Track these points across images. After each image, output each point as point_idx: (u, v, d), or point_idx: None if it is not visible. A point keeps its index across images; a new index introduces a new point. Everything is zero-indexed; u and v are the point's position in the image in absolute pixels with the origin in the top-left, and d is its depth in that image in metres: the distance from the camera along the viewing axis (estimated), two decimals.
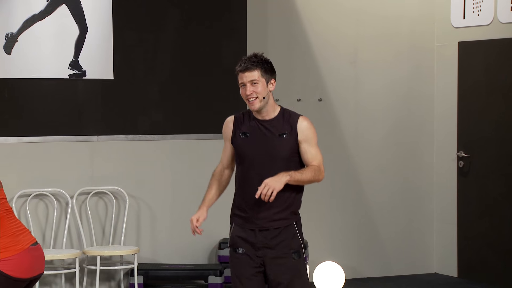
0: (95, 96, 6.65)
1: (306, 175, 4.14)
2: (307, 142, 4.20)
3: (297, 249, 4.20)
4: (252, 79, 4.13)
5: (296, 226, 4.25)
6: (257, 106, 4.16)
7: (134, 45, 6.76)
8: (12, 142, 6.39)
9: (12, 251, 3.92)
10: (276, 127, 4.18)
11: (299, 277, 4.18)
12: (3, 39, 6.35)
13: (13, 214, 4.07)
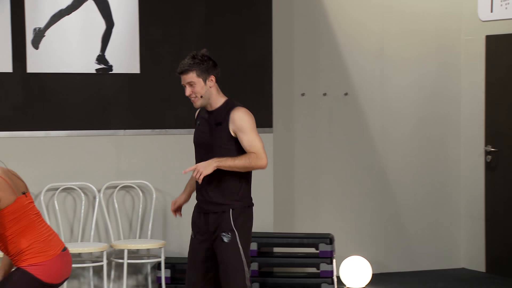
0: (121, 91, 6.67)
1: (239, 162, 4.36)
2: (241, 131, 4.43)
3: (227, 232, 4.40)
4: (189, 81, 4.48)
5: (232, 212, 4.43)
6: (198, 104, 4.51)
7: (160, 40, 6.78)
8: (40, 136, 6.42)
9: (45, 257, 3.96)
10: (215, 117, 4.49)
11: (229, 260, 4.39)
12: (31, 34, 6.38)
13: (42, 218, 4.09)
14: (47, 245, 3.97)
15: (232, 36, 6.98)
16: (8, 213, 3.94)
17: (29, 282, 3.89)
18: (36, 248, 3.94)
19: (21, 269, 3.91)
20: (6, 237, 3.94)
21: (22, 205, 3.98)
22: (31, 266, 3.91)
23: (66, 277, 4.04)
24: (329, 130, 7.59)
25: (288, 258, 6.90)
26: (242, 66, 7.00)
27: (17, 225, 3.96)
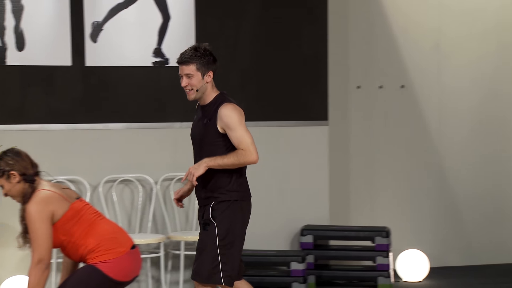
0: (178, 84, 6.63)
1: (229, 160, 4.38)
2: (229, 128, 4.44)
3: (206, 221, 4.46)
4: (187, 73, 4.46)
5: (213, 204, 4.47)
6: (192, 97, 4.52)
7: (216, 33, 6.79)
8: (98, 129, 6.49)
9: (114, 254, 3.97)
10: (206, 113, 4.52)
11: (201, 246, 4.45)
12: (89, 28, 6.46)
13: (103, 216, 4.12)
14: (115, 243, 3.99)
15: (288, 29, 6.97)
16: (66, 219, 3.98)
17: (98, 278, 3.91)
18: (104, 246, 3.96)
19: (92, 265, 3.93)
20: (74, 242, 3.98)
21: (78, 209, 4.02)
22: (101, 263, 3.93)
23: (135, 275, 4.05)
24: (385, 123, 7.53)
25: (344, 251, 6.87)
26: (298, 59, 6.98)
27: (80, 228, 3.99)
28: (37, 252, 3.91)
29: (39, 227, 3.91)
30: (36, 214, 3.90)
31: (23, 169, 4.01)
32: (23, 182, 4.00)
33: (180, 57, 4.48)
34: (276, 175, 6.98)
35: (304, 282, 6.51)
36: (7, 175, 4.00)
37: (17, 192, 4.01)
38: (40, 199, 3.94)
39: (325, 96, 7.07)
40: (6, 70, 6.24)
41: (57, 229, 3.97)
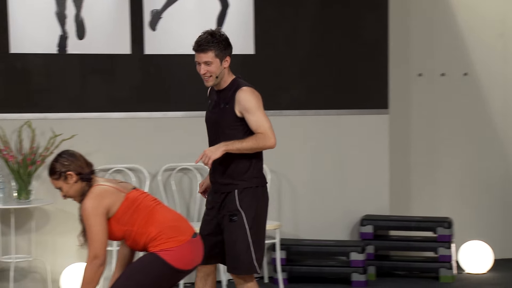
0: (235, 72, 6.61)
1: (247, 144, 4.30)
2: (247, 112, 4.35)
3: (233, 212, 4.35)
4: (206, 60, 4.37)
5: (237, 192, 4.37)
6: (210, 83, 4.44)
7: (275, 20, 6.74)
8: (157, 117, 6.49)
9: (175, 242, 3.96)
10: (223, 97, 4.44)
11: (233, 238, 4.34)
12: (148, 16, 6.46)
13: (163, 204, 4.12)
14: (177, 231, 3.98)
15: (347, 16, 6.87)
16: (124, 210, 3.98)
17: (160, 266, 3.91)
18: (166, 234, 3.96)
19: (154, 253, 3.93)
20: (136, 231, 3.98)
21: (134, 198, 4.02)
22: (163, 251, 3.92)
23: (197, 264, 4.04)
24: (447, 112, 7.39)
25: (405, 241, 6.77)
26: (358, 46, 6.89)
27: (139, 217, 3.99)
28: (92, 249, 3.93)
29: (94, 223, 3.92)
30: (90, 210, 3.92)
31: (79, 168, 4.03)
32: (80, 182, 4.02)
33: (197, 44, 4.39)
34: (336, 164, 6.91)
35: (364, 273, 6.44)
36: (64, 176, 4.02)
37: (75, 192, 4.03)
38: (94, 195, 3.96)
39: (385, 84, 6.97)
40: (67, 58, 6.28)
41: (117, 221, 3.98)
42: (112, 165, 6.35)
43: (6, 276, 6.08)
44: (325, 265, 6.51)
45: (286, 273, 6.46)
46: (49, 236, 6.18)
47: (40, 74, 6.23)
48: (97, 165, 6.18)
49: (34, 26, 6.18)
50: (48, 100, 6.23)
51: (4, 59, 6.11)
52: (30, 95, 6.20)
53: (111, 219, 3.97)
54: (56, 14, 6.24)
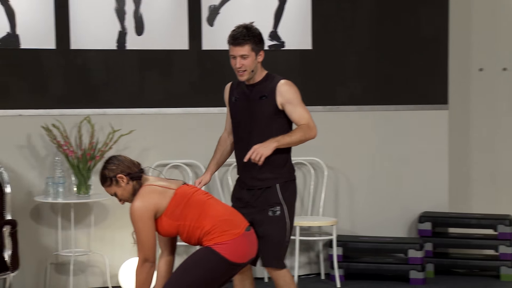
0: (293, 67, 6.65)
1: (296, 136, 4.31)
2: (290, 104, 4.36)
3: (275, 205, 4.33)
4: (243, 54, 4.36)
5: (279, 186, 4.37)
6: (245, 77, 4.40)
7: (333, 15, 6.70)
8: (214, 113, 6.49)
9: (229, 235, 3.96)
10: (258, 90, 4.40)
11: (273, 231, 4.31)
12: (206, 11, 6.48)
13: (215, 198, 4.12)
14: (230, 224, 3.99)
15: (406, 10, 6.80)
16: (174, 205, 4.00)
17: (215, 260, 3.92)
18: (220, 228, 3.96)
19: (208, 247, 3.94)
20: (189, 225, 4.00)
21: (184, 192, 4.03)
22: (218, 245, 3.93)
23: (251, 257, 4.04)
24: (508, 107, 7.26)
25: (464, 239, 6.67)
26: (417, 40, 6.81)
27: (191, 211, 4.01)
28: (142, 252, 3.97)
29: (142, 228, 3.95)
30: (138, 214, 3.95)
31: (127, 169, 4.06)
32: (131, 181, 4.05)
33: (233, 38, 4.39)
34: (394, 160, 6.85)
35: (422, 270, 6.37)
36: (115, 180, 4.06)
37: (129, 193, 4.06)
38: (142, 196, 4.00)
39: (445, 79, 6.88)
40: (126, 54, 6.33)
41: (168, 216, 4.00)
42: (170, 160, 6.39)
43: (66, 270, 6.18)
44: (382, 262, 6.46)
45: (342, 270, 6.43)
46: (108, 230, 6.25)
47: (100, 70, 6.30)
48: (154, 161, 6.28)
49: (94, 23, 6.25)
50: (107, 95, 6.30)
51: (64, 55, 6.19)
52: (89, 91, 6.28)
53: (163, 216, 4.00)
54: (115, 10, 6.31)
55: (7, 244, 5.39)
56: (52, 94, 6.19)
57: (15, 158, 6.07)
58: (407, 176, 6.86)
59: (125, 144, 6.25)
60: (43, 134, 6.09)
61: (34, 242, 6.12)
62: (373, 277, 6.54)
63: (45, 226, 6.15)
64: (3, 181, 5.66)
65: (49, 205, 6.11)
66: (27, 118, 6.12)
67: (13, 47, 6.09)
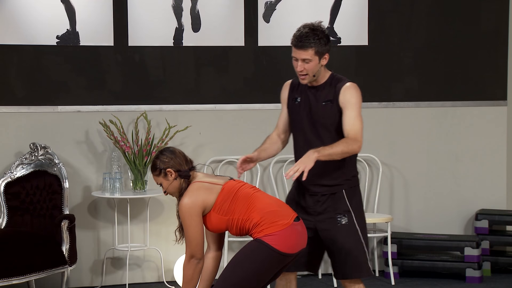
0: (349, 63, 6.63)
1: (337, 149, 4.04)
2: (346, 108, 4.11)
3: (343, 213, 4.17)
4: (305, 58, 4.11)
5: (345, 192, 4.20)
6: (306, 81, 4.18)
7: (390, 11, 6.65)
8: (269, 109, 6.51)
9: (278, 226, 3.96)
10: (321, 93, 4.17)
11: (349, 243, 4.16)
12: (262, 8, 6.49)
13: (262, 191, 4.13)
14: (278, 215, 4.00)
15: (465, 5, 6.71)
16: (222, 200, 4.02)
17: (266, 251, 3.93)
18: (268, 219, 3.98)
19: (258, 239, 3.96)
20: (238, 220, 4.02)
21: (231, 187, 4.05)
22: (267, 236, 3.94)
23: (302, 247, 4.03)
24: None
25: None
26: (476, 35, 6.72)
27: (239, 205, 4.03)
28: (189, 248, 4.02)
29: (190, 224, 3.99)
30: (187, 210, 3.99)
31: (178, 165, 4.10)
32: (179, 178, 4.09)
33: (297, 40, 4.12)
34: (451, 157, 6.78)
35: (479, 268, 6.30)
36: (164, 172, 4.11)
37: (174, 188, 4.11)
38: (190, 192, 4.03)
39: (504, 75, 6.78)
40: (182, 51, 6.39)
41: (217, 211, 4.03)
42: (224, 156, 6.44)
43: (122, 264, 6.29)
44: (438, 260, 6.41)
45: (397, 267, 6.40)
46: (163, 226, 6.33)
47: (156, 67, 6.37)
48: (209, 157, 6.34)
49: (151, 19, 6.32)
50: (163, 91, 6.37)
51: (122, 51, 6.28)
52: (146, 87, 6.36)
53: (211, 211, 4.03)
54: (172, 7, 6.37)
55: (65, 238, 5.50)
56: (110, 90, 6.29)
57: (73, 154, 6.19)
58: (464, 173, 6.79)
59: (180, 140, 6.32)
60: (101, 130, 6.19)
61: (91, 237, 6.24)
62: (428, 274, 6.50)
63: (102, 221, 6.27)
64: (62, 177, 5.78)
65: (106, 200, 6.21)
66: (85, 114, 6.23)
67: (72, 44, 6.20)
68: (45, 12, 6.14)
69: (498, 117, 6.80)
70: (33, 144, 5.90)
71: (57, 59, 6.18)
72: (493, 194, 6.80)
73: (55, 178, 5.79)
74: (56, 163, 5.81)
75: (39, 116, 6.15)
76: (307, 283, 6.26)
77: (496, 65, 6.76)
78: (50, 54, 6.16)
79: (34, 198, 5.78)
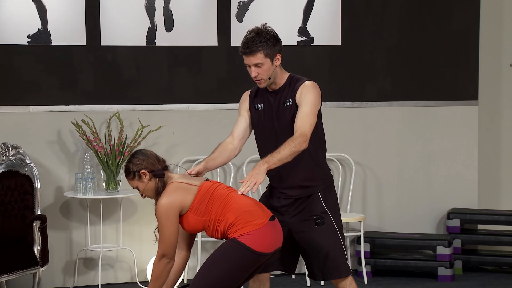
0: (322, 63, 6.65)
1: (285, 152, 3.97)
2: (301, 105, 4.07)
3: (320, 215, 4.17)
4: (256, 62, 4.09)
5: (321, 195, 4.19)
6: (263, 85, 4.17)
7: (362, 11, 6.67)
8: None
9: (252, 226, 3.96)
10: (281, 96, 4.16)
11: (326, 242, 4.16)
12: (235, 7, 6.49)
13: (236, 191, 4.13)
14: (253, 215, 4.00)
15: (437, 5, 6.75)
16: (199, 201, 4.03)
17: (241, 251, 3.93)
18: (243, 219, 3.98)
19: (233, 239, 3.96)
20: (214, 220, 4.02)
21: (207, 188, 4.06)
22: (242, 236, 3.94)
23: (277, 247, 4.04)
24: None
25: (494, 236, 6.63)
26: (447, 35, 6.76)
27: (215, 205, 4.03)
28: (161, 247, 4.02)
29: (166, 224, 3.99)
30: (163, 211, 3.99)
31: (151, 165, 4.10)
32: (154, 178, 4.09)
33: (244, 47, 4.07)
34: (423, 156, 6.82)
35: (450, 267, 6.35)
36: (138, 175, 4.10)
37: (151, 189, 4.11)
38: (168, 193, 4.03)
39: (475, 75, 6.82)
40: (155, 50, 6.37)
41: (194, 212, 4.04)
42: (198, 156, 6.43)
43: (94, 265, 6.26)
44: (410, 259, 6.44)
45: (370, 266, 6.43)
46: (136, 226, 6.31)
47: (129, 66, 6.34)
48: (182, 157, 6.33)
49: (123, 19, 6.29)
50: (136, 91, 6.35)
51: (95, 51, 6.25)
52: (119, 87, 6.33)
53: (188, 212, 4.03)
54: (145, 7, 6.34)
55: (36, 239, 5.47)
56: (82, 90, 6.25)
57: (45, 154, 6.15)
58: (436, 172, 6.83)
59: (153, 140, 6.30)
60: (73, 130, 6.16)
61: (64, 237, 6.20)
62: (401, 273, 6.54)
63: (74, 222, 6.23)
64: (34, 177, 5.74)
65: (78, 200, 6.18)
66: (57, 114, 6.19)
67: (44, 43, 6.16)
68: (16, 11, 6.10)
69: (469, 116, 6.85)
70: (4, 144, 5.85)
71: (29, 59, 6.13)
72: (464, 193, 6.85)
73: (26, 178, 5.75)
74: (28, 163, 5.77)
75: (11, 116, 6.11)
76: (280, 283, 6.27)
77: (467, 65, 6.81)
78: (21, 54, 6.11)
79: (5, 199, 5.73)
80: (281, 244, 4.06)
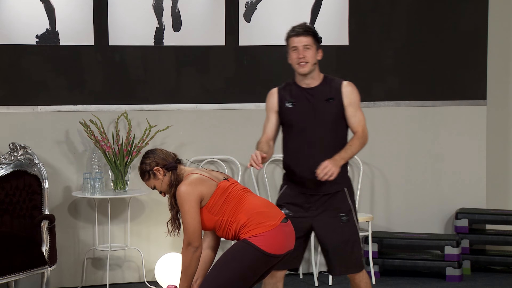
0: (330, 63, 6.63)
1: (356, 148, 4.31)
2: (352, 106, 4.33)
3: (346, 212, 4.36)
4: (306, 44, 4.29)
5: (348, 193, 4.40)
6: (307, 69, 4.32)
7: (370, 10, 6.67)
8: (250, 109, 6.52)
9: (264, 227, 3.96)
10: (321, 93, 4.34)
11: (349, 238, 4.36)
12: (243, 7, 6.49)
13: (252, 192, 4.13)
14: (266, 216, 4.00)
15: (445, 4, 6.73)
16: (216, 199, 4.02)
17: (252, 252, 3.93)
18: (255, 220, 3.97)
19: (245, 240, 3.95)
20: (227, 221, 4.02)
21: (226, 187, 4.05)
22: (254, 237, 3.93)
23: (289, 249, 4.03)
24: None
25: (502, 236, 6.61)
26: (455, 35, 6.75)
27: (230, 206, 4.02)
28: (186, 235, 4.00)
29: (188, 210, 3.98)
30: (185, 196, 3.97)
31: (162, 160, 4.10)
32: (168, 173, 4.08)
33: (298, 28, 4.34)
34: (431, 156, 6.81)
35: (458, 267, 6.33)
36: (152, 173, 4.10)
37: (167, 185, 4.10)
38: (190, 182, 4.01)
39: (483, 75, 6.81)
40: (163, 50, 6.38)
41: (209, 210, 4.03)
42: (205, 156, 6.43)
43: (102, 265, 6.26)
44: (418, 259, 6.43)
45: (378, 266, 6.42)
46: (144, 226, 6.32)
47: (137, 66, 6.35)
48: (190, 156, 6.33)
49: (131, 19, 6.30)
50: (144, 91, 6.36)
51: (103, 51, 6.25)
52: (127, 87, 6.34)
53: (204, 209, 4.02)
54: (153, 7, 6.35)
55: (45, 239, 5.48)
56: (90, 90, 6.26)
57: (53, 154, 6.16)
58: (444, 172, 6.82)
59: (161, 140, 6.31)
60: (81, 130, 6.17)
61: (72, 237, 6.21)
62: (409, 273, 6.53)
63: (82, 221, 6.24)
64: (42, 177, 5.75)
65: (86, 200, 6.19)
66: (65, 113, 6.20)
67: (52, 43, 6.17)
68: (24, 11, 6.11)
69: (477, 116, 6.84)
70: (13, 144, 5.86)
71: (37, 59, 6.14)
72: (473, 193, 6.84)
73: (35, 178, 5.76)
74: (36, 163, 5.78)
75: (19, 116, 6.12)
76: (288, 283, 6.27)
77: (476, 65, 6.80)
78: (29, 54, 6.12)
79: (14, 199, 5.74)
80: (293, 246, 4.06)
